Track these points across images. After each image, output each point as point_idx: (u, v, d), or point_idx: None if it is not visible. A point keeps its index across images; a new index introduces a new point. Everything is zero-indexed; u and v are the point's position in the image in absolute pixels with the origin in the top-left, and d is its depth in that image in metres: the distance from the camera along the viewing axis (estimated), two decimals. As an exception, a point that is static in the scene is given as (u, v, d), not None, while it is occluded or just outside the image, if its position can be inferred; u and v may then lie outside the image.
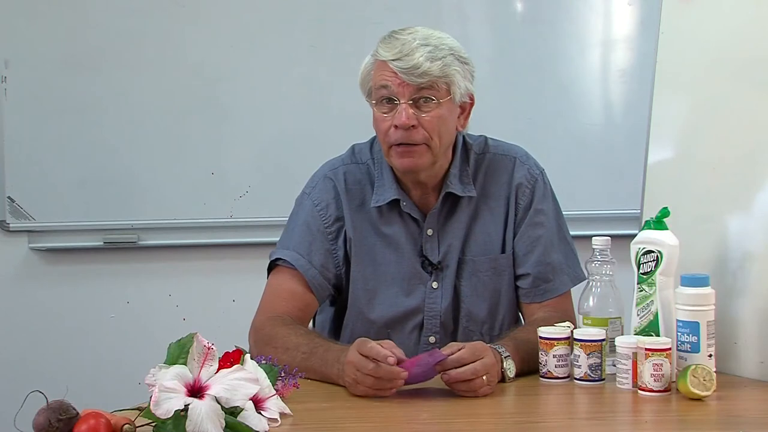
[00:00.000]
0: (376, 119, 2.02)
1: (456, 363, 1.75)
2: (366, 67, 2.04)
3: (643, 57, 3.14)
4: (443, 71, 1.97)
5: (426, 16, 3.21)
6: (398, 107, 1.98)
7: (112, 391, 2.31)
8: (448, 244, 2.09)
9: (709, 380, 1.72)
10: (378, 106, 2.01)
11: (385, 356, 1.72)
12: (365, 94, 2.07)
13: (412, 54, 1.95)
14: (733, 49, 2.06)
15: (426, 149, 2.00)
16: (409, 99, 1.97)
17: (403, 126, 1.97)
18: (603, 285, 1.95)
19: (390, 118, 1.99)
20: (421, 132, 1.98)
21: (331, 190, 2.11)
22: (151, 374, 1.45)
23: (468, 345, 1.78)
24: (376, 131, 2.05)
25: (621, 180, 3.19)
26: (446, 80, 1.98)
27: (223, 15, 3.26)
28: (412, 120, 1.96)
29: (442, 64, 1.97)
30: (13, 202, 3.26)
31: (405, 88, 1.97)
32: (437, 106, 1.98)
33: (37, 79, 3.25)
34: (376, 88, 2.01)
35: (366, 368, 1.74)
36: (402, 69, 1.95)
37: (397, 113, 1.97)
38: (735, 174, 2.00)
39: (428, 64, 1.95)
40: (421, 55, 1.95)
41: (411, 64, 1.95)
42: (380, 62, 1.99)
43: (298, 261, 2.08)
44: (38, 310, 3.33)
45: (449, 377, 1.76)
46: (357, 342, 1.78)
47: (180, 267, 3.34)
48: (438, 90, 1.98)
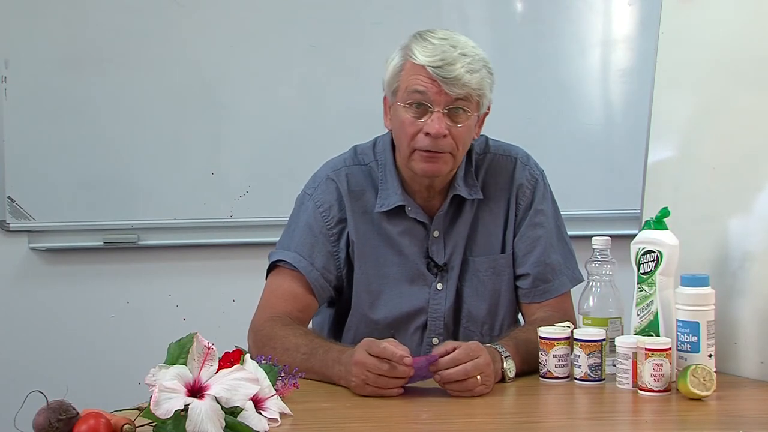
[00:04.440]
0: (404, 122, 1.99)
1: (450, 363, 1.75)
2: (395, 66, 2.01)
3: (643, 57, 3.14)
4: (479, 84, 1.96)
5: (426, 16, 3.21)
6: (431, 114, 1.96)
7: (112, 391, 2.31)
8: (453, 246, 2.09)
9: (709, 380, 1.72)
10: (407, 110, 1.98)
11: (401, 357, 1.72)
12: (389, 93, 2.04)
13: (454, 64, 1.93)
14: (733, 49, 2.06)
15: (450, 158, 2.00)
16: (444, 108, 1.96)
17: (436, 135, 1.95)
18: (603, 285, 1.95)
19: (420, 123, 1.97)
20: (449, 141, 1.97)
21: (333, 192, 2.11)
22: (151, 374, 1.45)
23: (463, 345, 1.78)
24: (398, 133, 2.03)
25: (621, 180, 3.20)
26: (480, 93, 1.97)
27: (222, 15, 3.26)
28: (445, 130, 1.96)
29: (480, 77, 1.96)
30: (13, 202, 3.26)
31: (443, 97, 1.95)
32: (467, 117, 1.98)
33: (37, 79, 3.25)
34: (408, 92, 1.98)
35: (380, 369, 1.74)
36: (443, 78, 1.93)
37: (430, 121, 1.96)
38: (735, 174, 2.00)
39: (468, 76, 1.94)
40: (462, 66, 1.93)
41: (453, 75, 1.93)
42: (416, 65, 1.97)
43: (299, 263, 2.07)
44: (38, 310, 3.33)
45: (441, 378, 1.76)
46: (365, 342, 1.78)
47: (180, 267, 3.34)
48: (471, 102, 1.97)
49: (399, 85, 2.00)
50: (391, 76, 2.02)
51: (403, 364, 1.73)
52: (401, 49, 2.01)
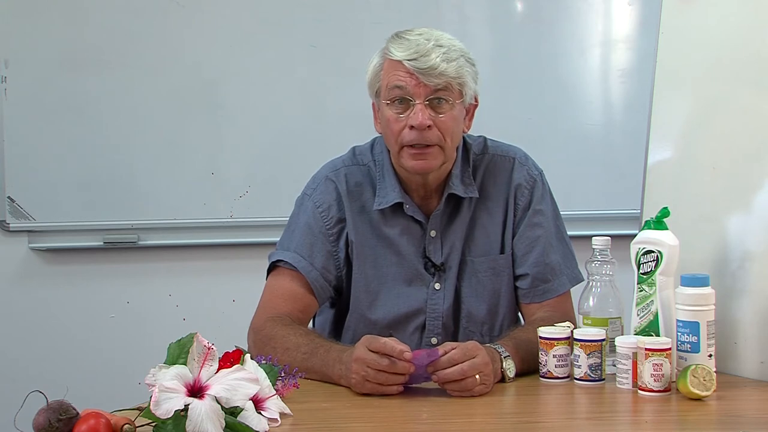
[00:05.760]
0: (389, 120, 2.01)
1: (446, 363, 1.75)
2: (375, 67, 2.03)
3: (643, 57, 3.15)
4: (458, 72, 1.97)
5: (426, 16, 3.21)
6: (413, 108, 1.97)
7: (112, 391, 2.31)
8: (450, 245, 2.09)
9: (709, 380, 1.72)
10: (390, 107, 2.00)
11: (401, 351, 1.73)
12: (373, 95, 2.06)
13: (429, 54, 1.95)
14: (733, 49, 2.05)
15: (439, 150, 2.00)
16: (425, 99, 1.97)
17: (420, 127, 1.96)
18: (603, 285, 1.95)
19: (404, 118, 1.98)
20: (435, 133, 1.98)
21: (332, 192, 2.11)
22: (151, 374, 1.45)
23: (460, 345, 1.79)
24: (385, 131, 2.05)
25: (621, 180, 3.20)
26: (460, 81, 1.98)
27: (222, 15, 3.26)
28: (428, 121, 1.96)
29: (457, 65, 1.97)
30: (13, 202, 3.26)
31: (422, 89, 1.96)
32: (451, 107, 1.99)
33: (37, 79, 3.25)
34: (389, 88, 1.99)
35: (380, 364, 1.74)
36: (419, 69, 1.95)
37: (413, 113, 1.97)
38: (735, 174, 2.00)
39: (445, 65, 1.95)
40: (437, 56, 1.95)
41: (429, 65, 1.94)
42: (393, 62, 1.98)
43: (299, 263, 2.07)
44: (38, 310, 3.33)
45: (438, 377, 1.76)
46: (365, 339, 1.78)
47: (180, 267, 3.34)
48: (452, 91, 1.98)
49: (380, 84, 2.02)
50: (372, 77, 2.04)
51: (403, 359, 1.73)
52: (380, 51, 2.04)
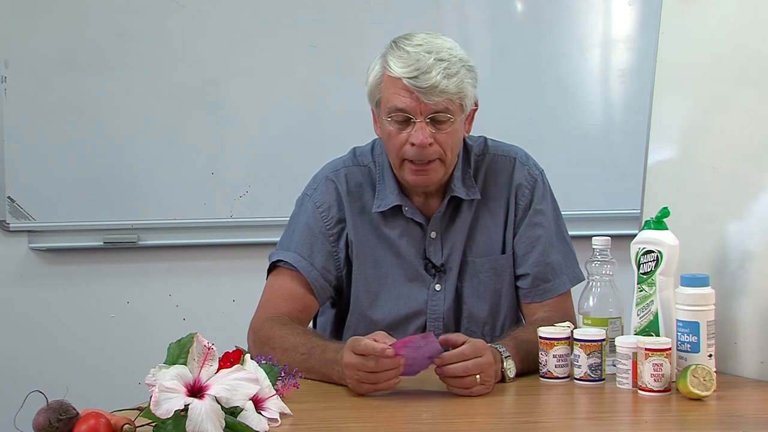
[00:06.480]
0: (389, 134, 2.00)
1: (455, 358, 1.75)
2: (375, 77, 2.01)
3: (643, 57, 3.14)
4: (459, 88, 1.95)
5: (426, 16, 3.21)
6: (414, 125, 1.96)
7: (112, 391, 2.31)
8: (451, 247, 2.09)
9: (709, 380, 1.72)
10: (390, 122, 1.99)
11: (382, 350, 1.71)
12: (373, 104, 2.05)
13: (429, 71, 1.92)
14: (733, 49, 2.05)
15: (440, 164, 2.00)
16: (426, 117, 1.96)
17: (421, 145, 1.96)
18: (603, 285, 1.95)
19: (405, 135, 1.97)
20: (436, 149, 1.98)
21: (332, 192, 2.11)
22: (151, 374, 1.45)
23: (471, 340, 1.79)
24: (386, 144, 2.04)
25: (621, 180, 3.20)
26: (460, 96, 1.97)
27: (222, 15, 3.26)
28: (429, 139, 1.96)
29: (458, 80, 1.95)
30: (13, 202, 3.26)
31: (422, 107, 1.94)
32: (452, 123, 1.98)
33: (37, 79, 3.25)
34: (389, 108, 1.98)
35: (367, 367, 1.73)
36: (420, 89, 1.92)
37: (414, 131, 1.96)
38: (735, 174, 2.00)
39: (445, 82, 1.93)
40: (437, 74, 1.92)
41: (429, 84, 1.92)
42: (392, 78, 1.96)
43: (299, 263, 2.07)
44: (38, 310, 3.33)
45: (441, 371, 1.76)
46: (349, 343, 1.77)
47: (180, 267, 3.34)
48: (453, 108, 1.97)
49: (381, 98, 2.01)
50: (372, 87, 2.03)
51: (386, 356, 1.72)
52: (380, 58, 2.01)
